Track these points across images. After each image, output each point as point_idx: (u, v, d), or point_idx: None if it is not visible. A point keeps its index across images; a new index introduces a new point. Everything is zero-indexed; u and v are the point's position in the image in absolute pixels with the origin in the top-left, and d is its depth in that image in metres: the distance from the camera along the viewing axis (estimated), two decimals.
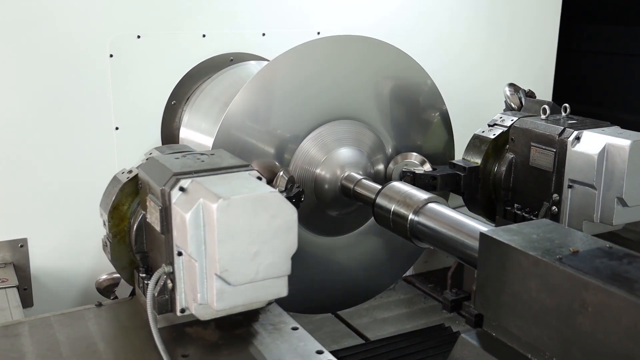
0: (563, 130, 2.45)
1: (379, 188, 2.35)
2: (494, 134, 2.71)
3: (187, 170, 1.71)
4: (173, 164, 1.76)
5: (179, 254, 1.66)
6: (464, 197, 2.74)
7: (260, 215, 1.55)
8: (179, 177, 1.67)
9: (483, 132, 2.76)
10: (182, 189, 1.65)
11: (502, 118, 2.75)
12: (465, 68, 3.60)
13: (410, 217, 2.17)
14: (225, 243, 1.52)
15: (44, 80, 2.65)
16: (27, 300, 2.73)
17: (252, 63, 2.96)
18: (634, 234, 3.32)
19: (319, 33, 3.14)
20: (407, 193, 2.25)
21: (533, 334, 1.54)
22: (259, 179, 1.72)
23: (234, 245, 1.53)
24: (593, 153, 2.33)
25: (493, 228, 1.77)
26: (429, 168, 2.63)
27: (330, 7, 3.19)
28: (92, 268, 2.88)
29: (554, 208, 2.48)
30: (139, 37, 2.78)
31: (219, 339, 1.82)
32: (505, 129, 2.69)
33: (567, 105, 2.58)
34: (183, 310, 1.72)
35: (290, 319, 1.91)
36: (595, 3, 4.84)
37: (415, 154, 2.66)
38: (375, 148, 2.63)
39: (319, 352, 1.75)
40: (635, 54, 4.56)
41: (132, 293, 2.09)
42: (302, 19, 3.13)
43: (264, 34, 3.04)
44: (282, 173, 2.33)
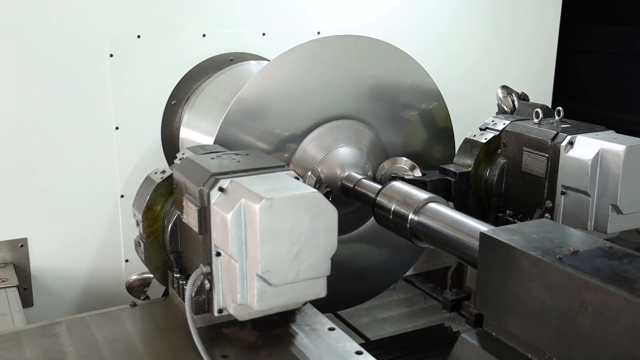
0: (556, 135, 2.38)
1: (379, 188, 2.35)
2: (486, 138, 2.64)
3: (225, 171, 1.70)
4: (210, 165, 1.76)
5: (218, 254, 1.66)
6: (455, 203, 2.65)
7: (302, 216, 1.54)
8: (218, 177, 1.67)
9: (474, 136, 2.69)
10: (221, 189, 1.64)
11: (494, 122, 2.69)
12: (465, 68, 3.60)
13: (411, 216, 2.17)
14: (268, 243, 1.51)
15: (44, 80, 2.65)
16: (27, 300, 2.73)
17: (252, 63, 2.96)
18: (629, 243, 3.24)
19: (319, 33, 3.14)
20: (407, 193, 2.24)
21: (533, 334, 1.54)
22: (297, 179, 1.71)
23: (276, 246, 1.52)
24: (587, 158, 2.26)
25: (493, 228, 1.77)
26: (419, 173, 2.57)
27: (330, 7, 3.19)
28: (92, 268, 2.89)
29: (547, 215, 2.42)
30: (139, 36, 2.78)
31: (257, 339, 1.80)
32: (497, 133, 2.62)
33: (560, 109, 2.52)
34: (221, 311, 1.71)
35: (327, 320, 1.89)
36: (596, 3, 4.84)
37: (405, 159, 2.60)
38: (375, 148, 2.63)
39: (358, 352, 1.72)
40: (637, 54, 4.56)
41: (165, 293, 2.08)
42: (302, 19, 3.13)
43: (264, 34, 3.05)
44: (310, 173, 2.33)
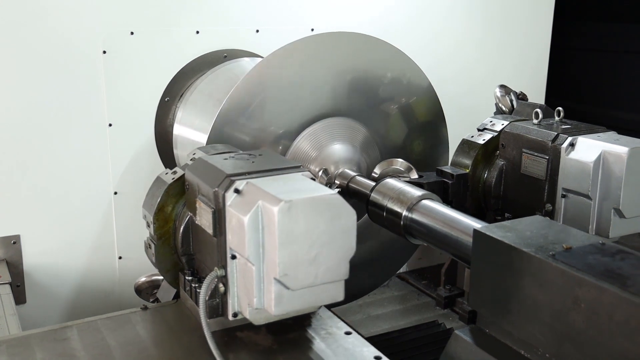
0: (556, 136, 2.32)
1: (373, 185, 2.35)
2: (484, 139, 2.58)
3: (240, 172, 1.66)
4: (224, 165, 1.72)
5: (233, 257, 1.62)
6: (452, 205, 2.56)
7: (321, 218, 1.51)
8: (234, 178, 1.63)
9: (472, 137, 2.63)
10: (237, 191, 1.60)
11: (492, 122, 2.63)
12: (459, 65, 3.61)
13: (404, 213, 2.17)
14: (286, 246, 1.47)
15: (37, 77, 2.64)
16: (19, 297, 2.72)
17: (245, 60, 2.96)
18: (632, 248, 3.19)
19: (313, 30, 3.14)
20: (401, 190, 2.24)
21: (526, 331, 1.54)
22: (313, 180, 1.68)
23: (295, 249, 1.49)
24: (588, 161, 2.19)
25: (487, 225, 1.77)
26: (415, 175, 2.52)
27: (324, 3, 3.19)
28: (85, 264, 2.88)
29: (538, 216, 2.39)
30: (132, 33, 2.77)
31: (273, 344, 1.77)
32: (496, 134, 2.56)
33: (560, 109, 2.46)
34: (235, 315, 1.68)
35: (342, 324, 1.86)
36: (591, 0, 4.85)
37: (401, 160, 2.54)
38: (369, 145, 2.63)
39: (377, 357, 1.69)
40: (630, 51, 4.57)
41: (176, 296, 2.05)
42: (295, 16, 3.12)
43: (258, 31, 3.04)
44: (321, 173, 2.30)
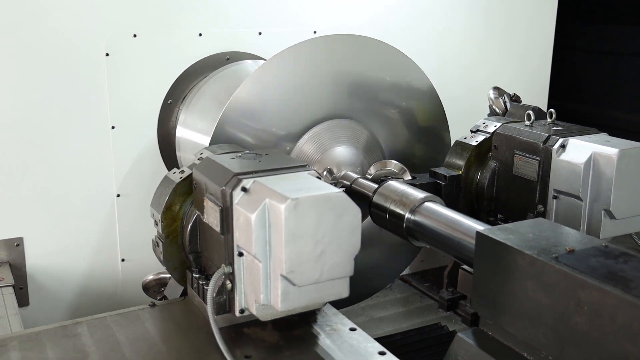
0: (548, 138, 2.34)
1: (376, 187, 2.35)
2: (477, 141, 2.59)
3: (247, 171, 1.70)
4: (232, 164, 1.75)
5: (240, 255, 1.65)
6: None
7: (327, 215, 1.54)
8: (241, 177, 1.67)
9: (465, 138, 2.64)
10: (244, 189, 1.64)
11: (485, 124, 2.64)
12: (461, 67, 3.60)
13: (407, 216, 2.17)
14: (292, 243, 1.51)
15: (40, 80, 2.64)
16: (23, 300, 2.72)
17: (248, 62, 2.96)
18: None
19: (316, 32, 3.14)
20: (403, 192, 2.24)
21: (529, 333, 1.54)
22: (319, 178, 1.72)
23: (301, 246, 1.52)
24: (579, 162, 2.21)
25: (489, 227, 1.77)
26: (409, 176, 2.53)
27: (327, 6, 3.19)
28: (87, 267, 2.88)
29: (541, 218, 2.37)
30: (135, 35, 2.78)
31: (279, 340, 1.80)
32: (488, 136, 2.57)
33: (552, 111, 2.48)
34: (242, 311, 1.71)
35: (347, 320, 1.89)
36: (592, 2, 4.85)
37: (395, 162, 2.55)
38: (371, 147, 2.63)
39: (382, 353, 1.72)
40: (632, 53, 4.57)
41: (183, 293, 2.08)
42: (298, 18, 3.13)
43: (260, 33, 3.04)
44: (325, 173, 2.31)
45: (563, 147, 2.30)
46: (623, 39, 4.62)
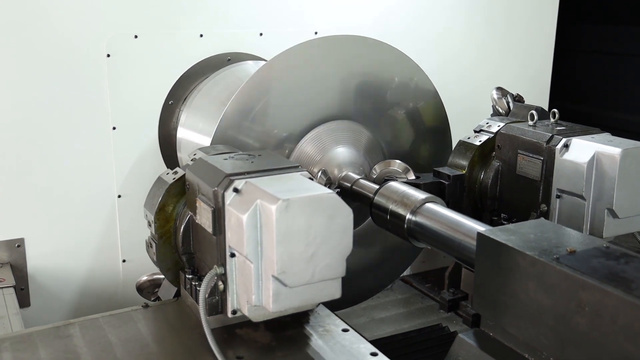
0: (551, 137, 2.35)
1: (377, 188, 2.35)
2: (480, 141, 2.61)
3: (239, 171, 1.70)
4: (224, 165, 1.75)
5: (232, 255, 1.65)
6: (449, 206, 2.63)
7: (318, 216, 1.54)
8: (233, 178, 1.67)
9: (469, 138, 2.65)
10: (236, 190, 1.64)
11: (488, 124, 2.65)
12: (462, 67, 3.60)
13: (408, 217, 2.17)
14: (284, 244, 1.51)
15: (41, 80, 2.65)
16: (24, 301, 2.72)
17: (249, 63, 2.96)
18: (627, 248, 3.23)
19: (317, 33, 3.14)
20: (404, 193, 2.24)
21: (530, 334, 1.54)
22: (311, 179, 1.71)
23: (292, 247, 1.52)
24: (582, 162, 2.22)
25: (490, 228, 1.77)
26: (412, 176, 2.53)
27: (328, 6, 3.19)
28: (89, 268, 2.89)
29: (542, 219, 2.40)
30: (136, 36, 2.78)
31: (272, 341, 1.80)
32: (492, 136, 2.59)
33: (555, 111, 2.49)
34: (235, 312, 1.71)
35: (340, 321, 1.89)
36: (593, 3, 4.85)
37: (399, 162, 2.55)
38: (373, 148, 2.63)
39: (373, 354, 1.72)
40: (633, 54, 4.57)
41: (176, 294, 2.08)
42: (299, 19, 3.13)
43: (261, 34, 3.04)
44: (320, 173, 2.32)
45: (566, 146, 2.31)
46: (624, 40, 4.62)
